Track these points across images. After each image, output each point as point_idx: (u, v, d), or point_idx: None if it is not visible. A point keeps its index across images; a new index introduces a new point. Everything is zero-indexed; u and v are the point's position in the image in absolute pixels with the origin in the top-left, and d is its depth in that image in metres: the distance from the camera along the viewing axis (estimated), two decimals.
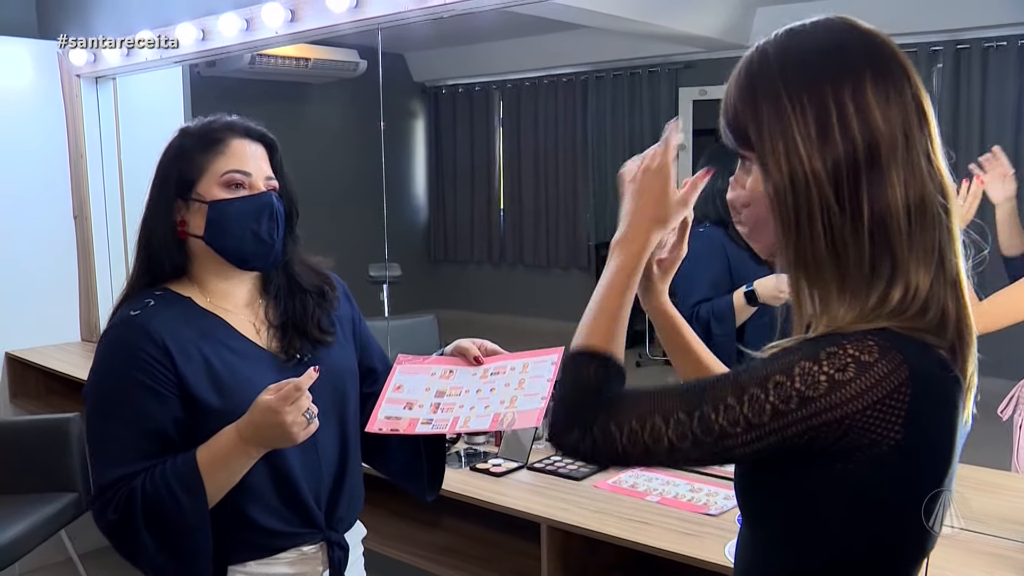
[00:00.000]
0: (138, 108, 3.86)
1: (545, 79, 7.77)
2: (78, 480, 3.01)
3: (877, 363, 0.79)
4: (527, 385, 1.46)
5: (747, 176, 0.91)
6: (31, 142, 3.80)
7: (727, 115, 0.91)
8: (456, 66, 7.97)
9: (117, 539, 1.34)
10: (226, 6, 3.13)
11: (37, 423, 3.16)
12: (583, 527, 1.92)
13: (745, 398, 0.82)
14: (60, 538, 3.11)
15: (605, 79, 7.44)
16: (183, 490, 1.30)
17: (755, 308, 2.40)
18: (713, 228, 2.49)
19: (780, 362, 0.82)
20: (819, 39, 0.87)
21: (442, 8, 2.49)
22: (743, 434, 0.81)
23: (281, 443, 1.31)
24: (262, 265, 1.47)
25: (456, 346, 1.58)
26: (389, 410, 1.51)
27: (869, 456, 0.80)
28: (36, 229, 3.81)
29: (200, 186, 1.41)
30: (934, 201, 0.85)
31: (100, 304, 3.89)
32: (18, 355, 3.77)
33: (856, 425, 0.79)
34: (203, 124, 1.47)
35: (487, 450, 2.40)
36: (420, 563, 2.27)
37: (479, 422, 1.45)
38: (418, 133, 8.72)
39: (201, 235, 1.41)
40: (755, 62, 0.89)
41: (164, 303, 1.41)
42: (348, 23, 2.75)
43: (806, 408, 0.79)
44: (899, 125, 0.84)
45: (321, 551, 1.48)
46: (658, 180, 1.01)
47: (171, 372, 1.35)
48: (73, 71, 3.79)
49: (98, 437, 1.36)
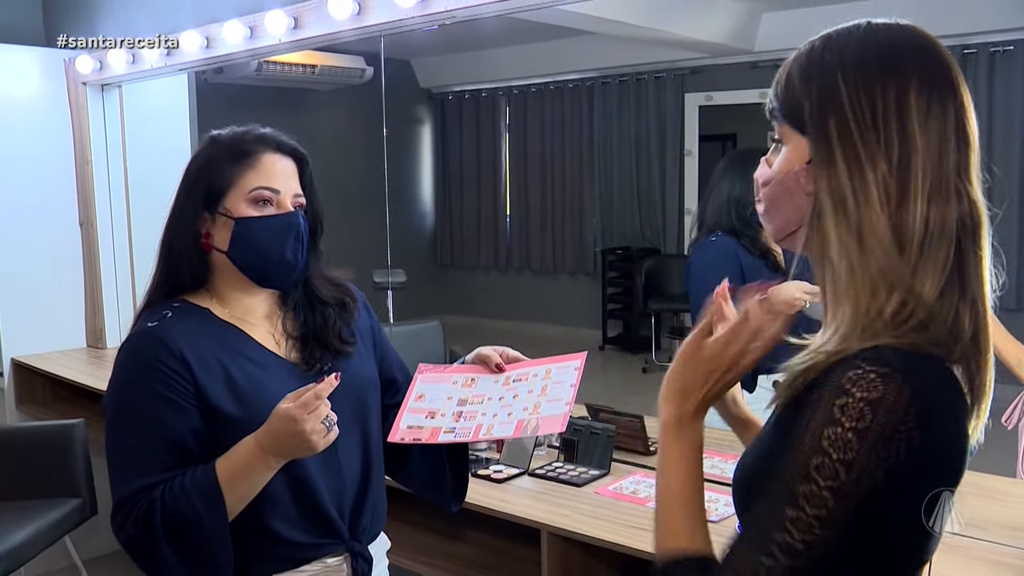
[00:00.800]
0: (144, 115, 3.88)
1: (551, 85, 7.78)
2: (83, 486, 3.02)
3: (884, 396, 0.79)
4: (550, 391, 1.45)
5: (776, 155, 0.93)
6: (37, 149, 3.81)
7: (781, 90, 0.92)
8: (462, 72, 7.99)
9: (137, 553, 1.32)
10: (230, 14, 3.15)
11: (43, 429, 3.17)
12: (584, 533, 1.91)
13: (801, 501, 0.81)
14: (64, 544, 3.11)
15: (611, 85, 7.45)
16: (203, 502, 1.28)
17: None
18: (726, 237, 2.48)
19: (809, 440, 0.82)
20: (879, 37, 0.88)
21: (444, 15, 2.50)
22: (821, 530, 0.80)
23: (301, 452, 1.29)
24: (283, 285, 1.46)
25: (477, 354, 1.57)
26: (411, 419, 1.50)
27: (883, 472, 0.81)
28: (42, 236, 3.83)
29: (228, 200, 1.40)
30: (954, 220, 0.85)
31: (106, 311, 3.91)
32: (24, 361, 3.78)
33: (884, 456, 0.80)
34: (234, 135, 1.45)
35: (488, 456, 2.40)
36: (418, 568, 2.26)
37: (502, 429, 1.44)
38: (425, 139, 8.74)
39: (225, 250, 1.41)
40: (817, 46, 0.90)
41: (182, 315, 1.40)
42: (350, 30, 2.76)
43: (853, 469, 0.80)
44: (935, 138, 0.85)
45: (345, 563, 1.46)
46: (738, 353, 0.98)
47: (190, 383, 1.34)
48: (79, 79, 3.81)
49: (117, 449, 1.35)
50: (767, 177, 0.95)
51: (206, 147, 1.46)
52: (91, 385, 3.36)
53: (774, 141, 0.95)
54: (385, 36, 2.79)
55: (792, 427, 0.84)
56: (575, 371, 1.47)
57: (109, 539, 1.39)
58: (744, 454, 0.99)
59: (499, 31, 5.80)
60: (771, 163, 0.95)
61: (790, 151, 0.91)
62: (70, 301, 3.94)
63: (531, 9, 2.61)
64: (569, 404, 1.42)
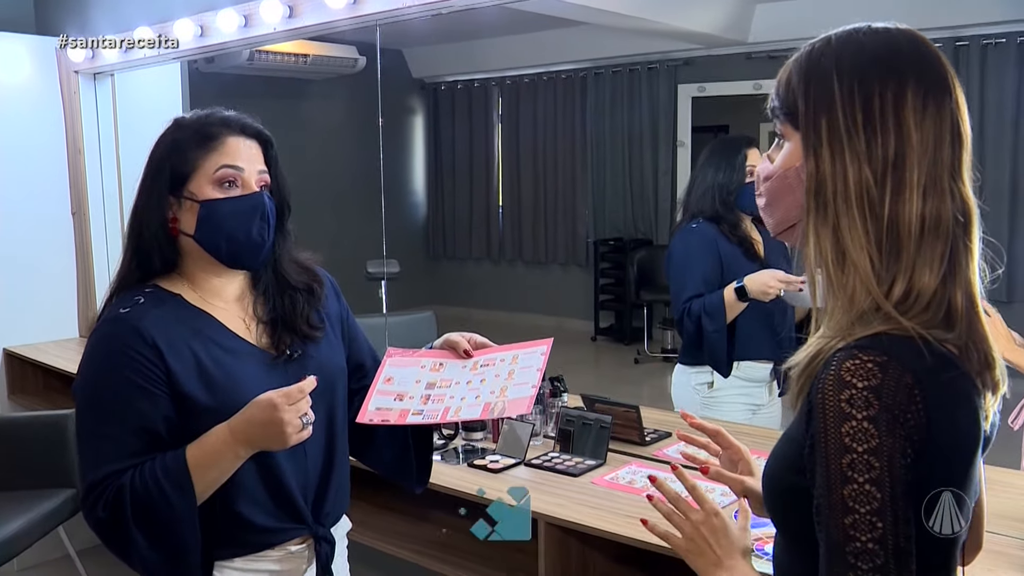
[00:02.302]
0: (136, 104, 3.85)
1: (544, 75, 7.76)
2: (76, 476, 3.00)
3: (884, 383, 0.82)
4: (516, 375, 1.49)
5: (778, 152, 0.97)
6: (29, 138, 3.79)
7: (780, 89, 0.96)
8: (455, 62, 7.96)
9: (107, 536, 1.34)
10: (225, 2, 3.13)
11: (35, 419, 3.17)
12: (580, 523, 1.92)
13: (851, 504, 0.83)
14: (58, 534, 3.11)
15: (604, 75, 7.43)
16: (172, 487, 1.30)
17: (746, 304, 2.43)
18: (706, 224, 2.54)
19: (832, 443, 0.84)
20: (878, 39, 0.92)
21: (441, 4, 2.49)
22: (883, 523, 0.82)
23: (271, 444, 1.31)
24: (252, 264, 1.47)
25: (446, 340, 1.59)
26: (379, 401, 1.52)
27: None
28: (34, 226, 3.81)
29: (192, 183, 1.40)
30: (949, 217, 0.88)
31: (98, 300, 3.86)
32: (17, 351, 3.77)
33: (903, 436, 0.82)
34: (199, 118, 1.45)
35: (484, 446, 2.40)
36: (416, 558, 2.27)
37: (470, 411, 1.47)
38: (417, 129, 8.71)
39: (192, 234, 1.41)
40: (816, 48, 0.94)
41: (154, 301, 1.40)
42: (347, 19, 2.75)
43: (882, 454, 0.82)
44: (930, 137, 0.88)
45: (308, 547, 1.49)
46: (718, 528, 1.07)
47: (161, 370, 1.34)
48: (71, 67, 3.79)
49: (88, 435, 1.36)
50: (768, 172, 0.98)
51: (170, 131, 1.45)
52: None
53: (776, 137, 0.98)
54: (381, 25, 2.78)
55: (808, 429, 0.86)
56: (541, 356, 1.51)
57: None
58: (770, 455, 1.00)
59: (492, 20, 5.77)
60: (773, 159, 0.98)
61: (791, 148, 0.95)
62: (62, 291, 3.93)
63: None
64: (535, 387, 1.46)
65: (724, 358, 2.51)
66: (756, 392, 2.60)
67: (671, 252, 2.62)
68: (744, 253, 2.52)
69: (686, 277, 2.53)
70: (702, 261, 2.51)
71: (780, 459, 0.96)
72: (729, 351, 2.50)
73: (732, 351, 2.51)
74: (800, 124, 0.92)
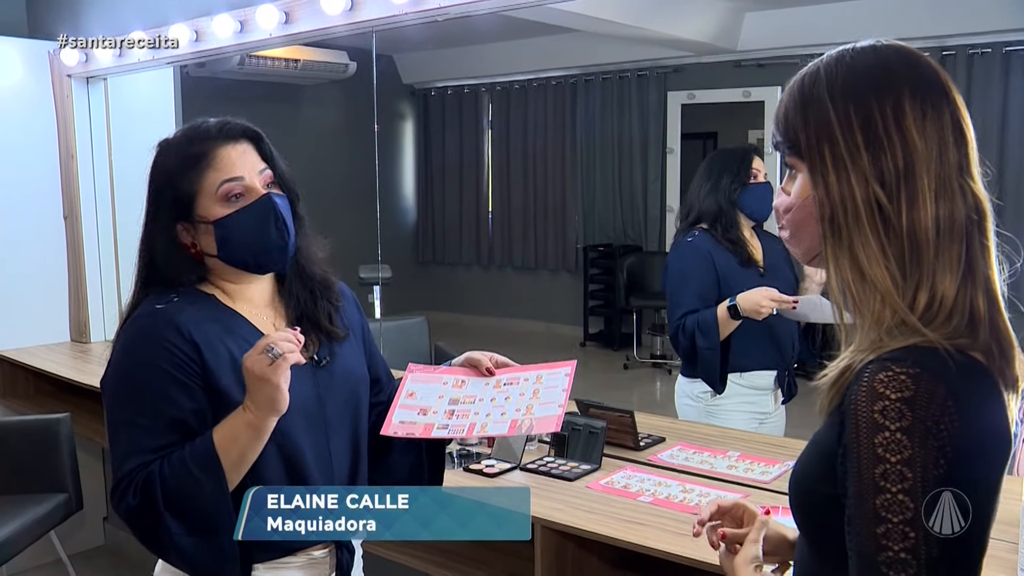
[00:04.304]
0: (129, 108, 3.85)
1: (534, 82, 7.79)
2: (68, 481, 3.00)
3: (917, 394, 0.83)
4: (542, 395, 1.50)
5: (792, 183, 0.98)
6: (21, 142, 3.78)
7: (779, 123, 0.97)
8: (445, 68, 7.98)
9: (139, 524, 1.33)
10: (220, 7, 3.13)
11: (27, 424, 3.15)
12: (576, 527, 1.93)
13: (884, 513, 0.84)
14: (50, 539, 3.10)
15: (594, 82, 7.47)
16: (200, 469, 1.30)
17: (739, 322, 2.44)
18: (703, 235, 2.55)
19: (864, 453, 0.85)
20: (866, 58, 0.94)
21: (437, 11, 2.51)
22: (916, 533, 0.83)
23: (260, 387, 1.28)
24: (281, 267, 1.48)
25: (467, 357, 1.60)
26: (403, 415, 1.52)
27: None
28: (26, 229, 3.80)
29: (199, 207, 1.40)
30: (963, 216, 0.90)
31: (90, 305, 3.89)
32: (7, 355, 3.75)
33: (937, 447, 0.83)
34: (183, 138, 1.44)
35: (480, 451, 2.41)
36: (413, 563, 2.28)
37: (496, 427, 1.48)
38: (407, 135, 8.72)
39: (215, 254, 1.42)
40: (808, 76, 0.96)
41: (188, 299, 1.41)
42: (342, 26, 2.76)
43: (915, 465, 0.83)
44: (935, 141, 0.90)
45: (330, 553, 1.49)
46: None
47: (198, 365, 1.36)
48: (64, 71, 3.78)
49: (121, 424, 1.36)
50: (787, 204, 0.99)
51: (159, 157, 1.45)
52: (75, 379, 3.34)
53: (787, 168, 0.99)
54: (376, 32, 2.80)
55: (840, 440, 0.87)
56: (566, 377, 1.52)
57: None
58: (797, 463, 1.01)
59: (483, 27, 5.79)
60: (788, 191, 0.99)
61: (803, 178, 0.96)
62: (54, 295, 3.91)
63: (524, 7, 2.63)
64: (562, 407, 1.47)
65: (717, 375, 2.51)
66: (761, 400, 2.59)
67: (667, 267, 2.64)
68: (740, 262, 2.53)
69: (681, 293, 2.54)
70: (697, 277, 2.52)
71: (810, 469, 0.97)
72: (723, 367, 2.51)
73: (726, 367, 2.52)
74: (803, 154, 0.94)
